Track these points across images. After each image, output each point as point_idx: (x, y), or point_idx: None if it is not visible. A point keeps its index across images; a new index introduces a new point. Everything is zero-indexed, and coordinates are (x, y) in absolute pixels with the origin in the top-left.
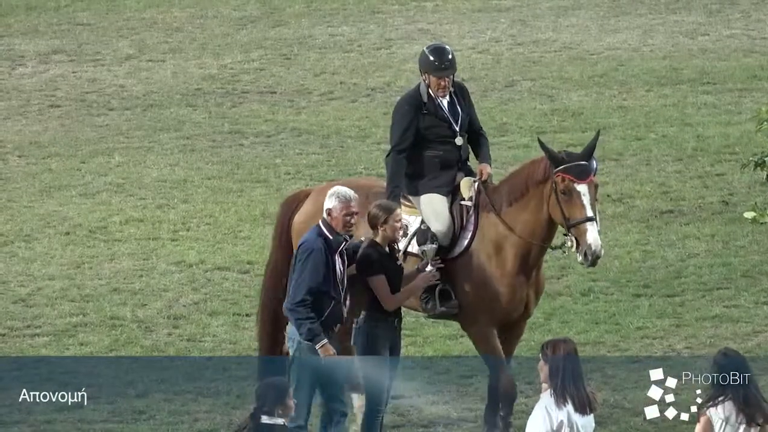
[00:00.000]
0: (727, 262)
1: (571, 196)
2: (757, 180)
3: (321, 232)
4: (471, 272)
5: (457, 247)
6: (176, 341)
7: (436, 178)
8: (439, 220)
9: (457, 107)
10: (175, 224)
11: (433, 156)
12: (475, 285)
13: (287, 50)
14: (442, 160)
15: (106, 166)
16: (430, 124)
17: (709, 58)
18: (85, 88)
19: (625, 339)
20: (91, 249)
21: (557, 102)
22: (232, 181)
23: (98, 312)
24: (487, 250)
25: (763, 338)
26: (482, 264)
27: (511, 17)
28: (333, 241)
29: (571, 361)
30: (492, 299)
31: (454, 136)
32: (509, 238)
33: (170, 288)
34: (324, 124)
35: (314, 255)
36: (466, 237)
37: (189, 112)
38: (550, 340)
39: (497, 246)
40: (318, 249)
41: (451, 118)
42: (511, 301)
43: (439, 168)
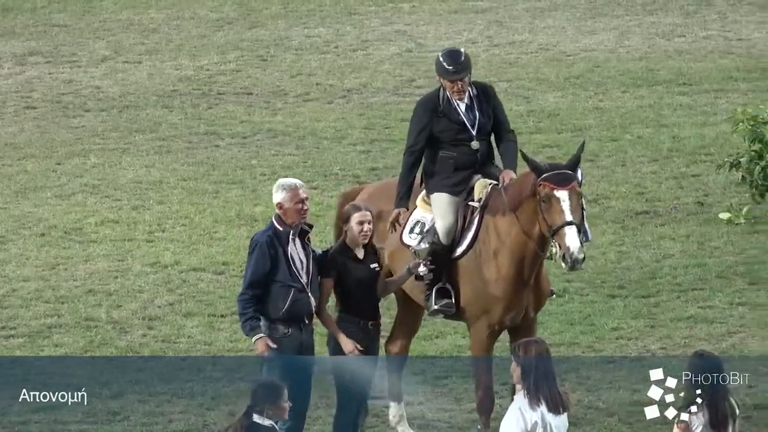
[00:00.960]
0: (702, 263)
1: (550, 203)
2: (733, 181)
3: (271, 225)
4: (470, 273)
5: (459, 247)
6: (151, 342)
7: (449, 178)
8: (443, 217)
9: (475, 111)
10: (150, 225)
11: (447, 157)
12: (473, 287)
13: (263, 51)
14: (456, 162)
15: (82, 168)
16: (444, 127)
17: (685, 60)
18: (61, 89)
19: (599, 340)
20: (66, 250)
21: (533, 103)
22: (207, 182)
23: (73, 313)
24: (487, 252)
25: (737, 339)
26: (481, 266)
27: (487, 19)
28: (283, 233)
29: (543, 361)
30: (488, 302)
31: (470, 140)
32: (506, 243)
33: (145, 289)
34: (300, 125)
35: (257, 249)
36: (467, 237)
37: (165, 114)
38: (522, 341)
39: (496, 249)
40: (262, 242)
41: (467, 122)
42: (508, 306)
43: (453, 169)
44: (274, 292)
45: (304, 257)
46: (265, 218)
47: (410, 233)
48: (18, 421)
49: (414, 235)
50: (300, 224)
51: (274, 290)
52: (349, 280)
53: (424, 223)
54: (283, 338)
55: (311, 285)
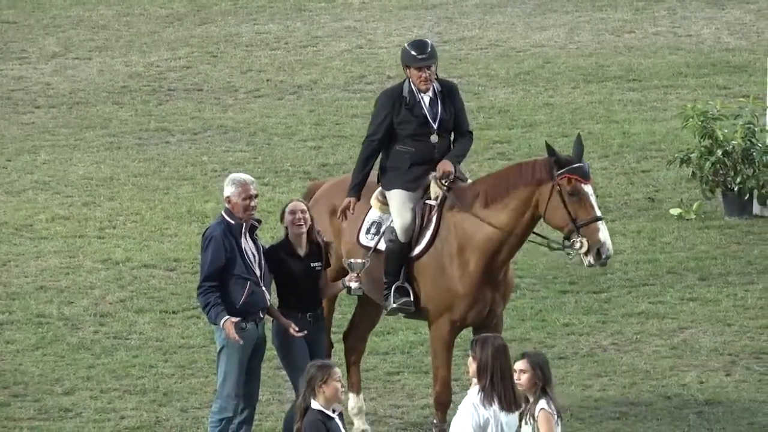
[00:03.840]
0: (653, 259)
1: (579, 197)
2: (683, 176)
3: (222, 219)
4: (430, 272)
5: (418, 246)
6: (103, 339)
7: (406, 174)
8: (401, 215)
9: (438, 106)
10: (101, 222)
11: (404, 152)
12: (434, 285)
13: (214, 48)
14: (412, 156)
15: (32, 164)
16: (405, 119)
17: (635, 56)
18: (10, 86)
19: (551, 335)
20: (17, 247)
21: (484, 99)
22: (158, 178)
23: (24, 310)
24: (449, 250)
25: (689, 334)
26: (443, 264)
27: (437, 15)
28: (235, 226)
29: (500, 358)
30: (450, 299)
31: (430, 134)
32: (474, 239)
33: (97, 285)
34: (251, 121)
35: (212, 242)
36: (426, 236)
37: (115, 110)
38: (480, 336)
39: (461, 246)
40: (216, 236)
41: (429, 115)
42: (472, 303)
43: (410, 164)
44: (231, 286)
45: (256, 251)
46: (215, 215)
47: (366, 234)
48: None
49: (370, 235)
50: (251, 220)
51: (230, 284)
52: (286, 275)
53: (380, 224)
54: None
55: (264, 279)
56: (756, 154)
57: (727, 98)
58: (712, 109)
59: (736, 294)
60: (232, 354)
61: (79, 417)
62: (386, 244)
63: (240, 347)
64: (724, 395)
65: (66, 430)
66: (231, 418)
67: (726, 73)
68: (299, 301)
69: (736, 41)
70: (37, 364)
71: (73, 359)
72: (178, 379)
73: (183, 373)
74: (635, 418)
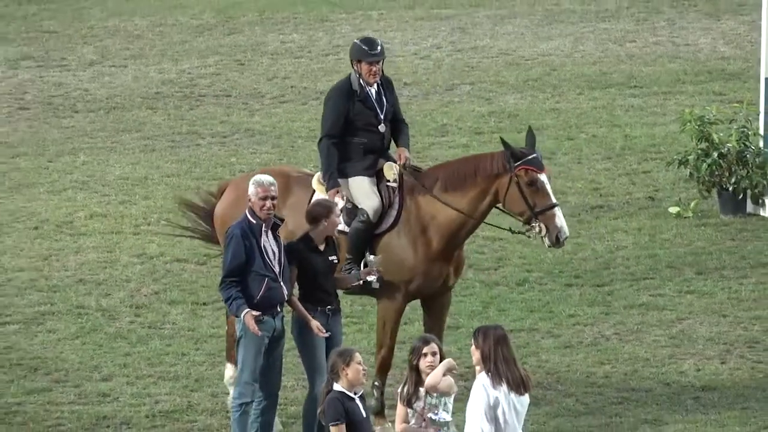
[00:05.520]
0: (653, 254)
1: (536, 186)
2: (681, 177)
3: (244, 218)
4: (393, 249)
5: (383, 224)
6: (138, 328)
7: (362, 161)
8: (369, 198)
9: (383, 97)
10: (136, 219)
11: (358, 143)
12: (396, 260)
13: (241, 56)
14: (365, 147)
15: (72, 165)
16: (359, 111)
17: (636, 64)
18: (51, 92)
19: (558, 326)
20: (57, 242)
21: (494, 104)
22: (190, 178)
23: (65, 301)
24: (412, 229)
25: (686, 325)
26: (405, 242)
27: (451, 25)
28: (255, 225)
29: (501, 346)
30: (410, 274)
31: (379, 123)
32: (435, 221)
33: (132, 279)
34: (276, 125)
35: (232, 240)
36: (392, 215)
37: (149, 115)
38: (481, 326)
39: (423, 226)
40: (236, 234)
41: (377, 106)
42: (427, 278)
43: (363, 154)
44: (250, 281)
45: (276, 249)
46: None
47: None
48: (14, 402)
49: None
50: (272, 218)
51: (249, 279)
52: (309, 270)
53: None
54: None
55: (283, 275)
56: (749, 156)
57: (723, 104)
58: (709, 114)
59: (731, 287)
60: (249, 344)
61: (116, 401)
62: (356, 225)
63: (256, 337)
64: (719, 382)
65: (104, 414)
66: (249, 403)
67: (721, 81)
68: (318, 294)
69: (731, 50)
70: (77, 352)
71: (110, 347)
72: (208, 366)
73: (213, 360)
74: (636, 403)
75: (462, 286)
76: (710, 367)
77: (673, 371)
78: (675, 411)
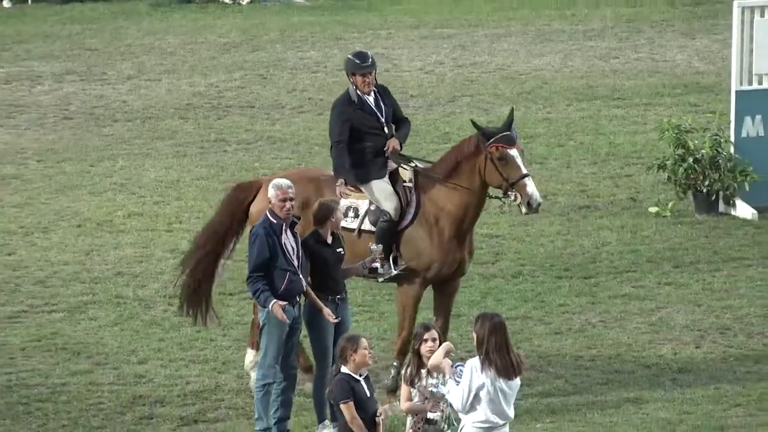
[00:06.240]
0: (635, 250)
1: (507, 160)
2: (660, 180)
3: (266, 218)
4: (414, 240)
5: (404, 221)
6: (171, 317)
7: (373, 165)
8: (389, 199)
9: (381, 103)
10: (169, 218)
11: (366, 147)
12: (418, 250)
13: (264, 71)
14: (373, 150)
15: (111, 169)
16: (361, 118)
17: (620, 78)
18: (93, 103)
19: (549, 314)
20: (98, 239)
21: (492, 114)
22: (217, 181)
23: (105, 292)
24: (428, 222)
25: (664, 313)
26: (423, 234)
27: (452, 43)
28: (276, 225)
29: (495, 334)
30: (429, 261)
31: (382, 127)
32: (445, 211)
33: (166, 271)
34: (295, 133)
35: (257, 239)
36: (410, 213)
37: (181, 124)
38: (481, 313)
39: (435, 218)
40: (260, 234)
41: (378, 111)
42: (444, 264)
43: (373, 157)
44: (274, 276)
45: (295, 245)
46: None
47: (346, 217)
48: (59, 382)
49: (350, 219)
50: (291, 218)
51: (273, 274)
52: (320, 261)
53: (357, 208)
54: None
55: (302, 268)
56: (721, 162)
57: (697, 114)
58: (685, 123)
59: (705, 279)
60: (272, 331)
61: (151, 382)
62: (381, 224)
63: (278, 325)
64: (694, 365)
65: (140, 393)
66: (272, 383)
67: (696, 93)
68: (330, 285)
69: (704, 66)
70: (115, 337)
71: (146, 333)
72: (234, 350)
73: (239, 345)
74: (619, 384)
75: (463, 278)
76: (686, 351)
77: (652, 355)
78: (654, 390)
